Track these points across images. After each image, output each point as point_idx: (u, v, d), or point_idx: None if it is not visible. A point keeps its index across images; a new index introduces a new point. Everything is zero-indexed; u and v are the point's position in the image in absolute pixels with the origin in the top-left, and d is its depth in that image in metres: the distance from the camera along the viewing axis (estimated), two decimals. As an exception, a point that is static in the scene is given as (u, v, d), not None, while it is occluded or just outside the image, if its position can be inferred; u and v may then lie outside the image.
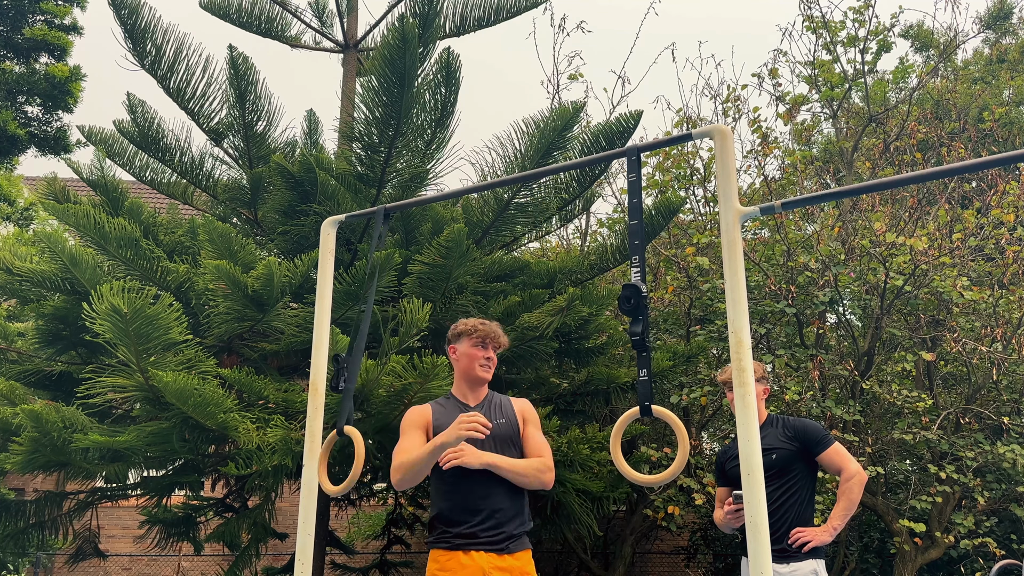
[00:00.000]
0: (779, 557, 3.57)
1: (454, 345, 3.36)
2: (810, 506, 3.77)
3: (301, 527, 2.43)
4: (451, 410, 3.24)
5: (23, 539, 6.76)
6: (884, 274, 7.26)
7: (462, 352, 3.32)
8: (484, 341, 3.30)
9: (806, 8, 9.33)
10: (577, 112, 6.62)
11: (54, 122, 14.91)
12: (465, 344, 3.31)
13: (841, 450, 3.81)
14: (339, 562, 9.41)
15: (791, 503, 3.72)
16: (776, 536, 3.61)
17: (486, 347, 3.30)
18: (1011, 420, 7.39)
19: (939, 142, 9.56)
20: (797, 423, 3.84)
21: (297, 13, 8.32)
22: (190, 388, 4.98)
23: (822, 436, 3.81)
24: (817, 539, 3.61)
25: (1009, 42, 14.51)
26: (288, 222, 6.60)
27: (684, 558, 12.01)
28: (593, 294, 6.64)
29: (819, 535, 3.63)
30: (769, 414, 3.93)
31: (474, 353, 3.29)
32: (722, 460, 4.05)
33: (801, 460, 3.76)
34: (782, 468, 3.75)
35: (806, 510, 3.75)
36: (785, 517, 3.69)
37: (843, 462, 3.77)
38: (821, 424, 3.91)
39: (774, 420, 3.89)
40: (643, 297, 1.99)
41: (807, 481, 3.78)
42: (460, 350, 3.33)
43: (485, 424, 2.91)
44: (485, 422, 2.91)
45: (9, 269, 6.23)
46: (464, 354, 3.31)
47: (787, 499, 3.72)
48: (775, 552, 3.47)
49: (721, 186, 1.96)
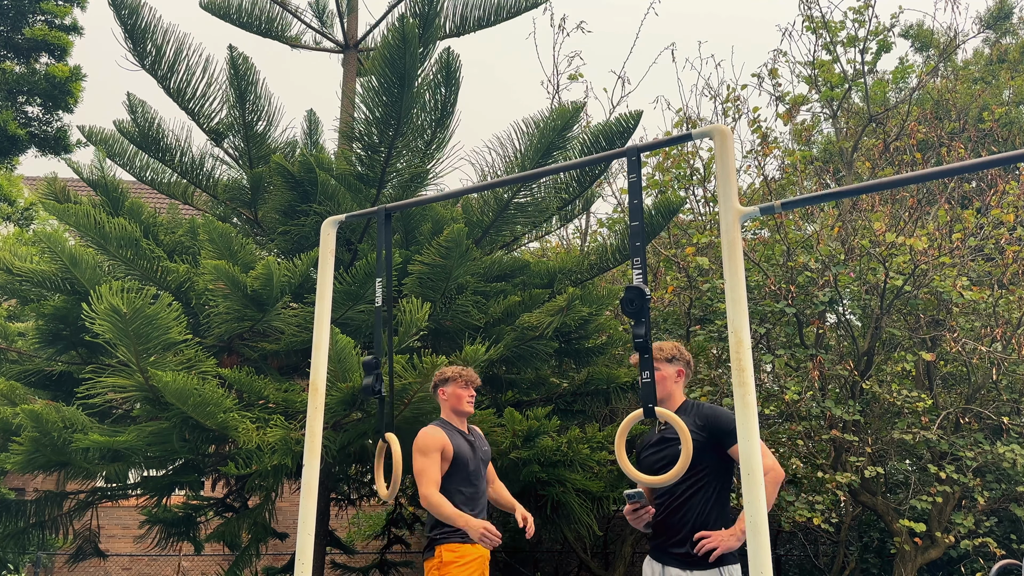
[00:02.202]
0: (681, 562, 3.23)
1: (442, 388, 4.22)
2: (720, 505, 3.32)
3: (301, 527, 2.43)
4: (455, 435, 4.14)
5: (23, 539, 6.76)
6: (884, 274, 7.26)
7: (451, 393, 4.19)
8: (467, 383, 4.21)
9: (806, 8, 9.33)
10: (577, 112, 6.62)
11: (54, 122, 14.91)
12: (452, 387, 4.19)
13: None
14: (339, 562, 9.40)
15: (696, 501, 3.28)
16: (679, 538, 3.26)
17: (468, 387, 4.21)
18: (1011, 420, 7.39)
19: (939, 142, 9.56)
20: (709, 411, 3.36)
21: (297, 13, 8.32)
22: (190, 388, 4.98)
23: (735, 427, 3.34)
24: (724, 545, 3.18)
25: (1009, 42, 14.51)
26: (288, 222, 6.60)
27: (684, 558, 11.98)
28: (593, 294, 6.64)
29: (726, 540, 3.19)
30: (686, 399, 3.49)
31: (461, 393, 4.19)
32: (639, 449, 3.64)
33: (711, 453, 3.28)
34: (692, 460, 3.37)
35: (715, 510, 3.29)
36: (687, 517, 3.27)
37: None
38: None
39: (688, 406, 3.44)
40: (646, 300, 1.99)
41: (717, 477, 3.30)
42: (448, 391, 4.20)
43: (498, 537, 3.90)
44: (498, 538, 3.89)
45: (9, 269, 6.23)
46: (452, 395, 4.19)
47: (691, 496, 3.29)
48: (677, 556, 3.23)
49: (721, 186, 1.96)
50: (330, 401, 5.18)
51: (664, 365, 3.44)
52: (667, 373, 3.44)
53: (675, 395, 3.45)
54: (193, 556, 11.77)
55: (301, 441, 5.07)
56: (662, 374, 3.43)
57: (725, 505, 3.32)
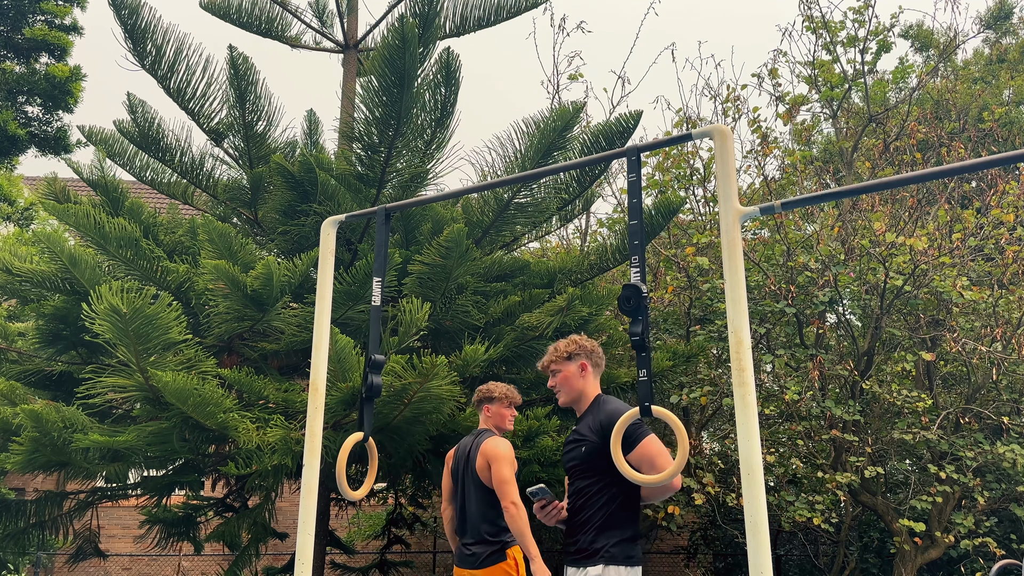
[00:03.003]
0: (574, 561, 3.12)
1: (487, 405, 4.48)
2: (627, 508, 3.11)
3: (301, 527, 2.43)
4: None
5: (23, 539, 6.75)
6: (884, 274, 7.26)
7: (495, 411, 4.46)
8: (511, 403, 4.51)
9: (806, 8, 9.34)
10: (577, 112, 6.62)
11: (54, 122, 14.91)
12: (497, 406, 4.47)
13: (651, 450, 3.07)
14: (339, 562, 9.40)
15: (596, 502, 3.10)
16: (573, 540, 3.15)
17: (511, 407, 4.52)
18: (1011, 420, 7.40)
19: (939, 142, 9.56)
20: (606, 416, 3.15)
21: (297, 13, 8.32)
22: (190, 388, 4.98)
23: (628, 432, 3.07)
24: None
25: (1009, 42, 14.51)
26: (288, 222, 6.60)
27: (684, 558, 12.02)
28: (593, 294, 6.64)
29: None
30: (599, 395, 3.31)
31: (505, 413, 4.48)
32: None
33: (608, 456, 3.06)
34: (589, 463, 3.15)
35: (621, 513, 3.09)
36: (592, 519, 3.10)
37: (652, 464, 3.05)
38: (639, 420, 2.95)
39: (596, 404, 3.27)
40: (643, 297, 1.99)
41: (621, 479, 3.02)
42: (493, 409, 4.47)
43: None
44: None
45: (9, 269, 6.23)
46: (497, 413, 4.46)
47: (591, 497, 3.12)
48: (571, 555, 3.14)
49: (721, 186, 1.96)
50: (330, 401, 5.18)
51: (564, 364, 3.34)
52: (569, 371, 3.32)
53: (586, 391, 3.31)
54: (193, 556, 11.77)
55: (301, 441, 5.08)
56: (564, 374, 3.33)
57: (634, 509, 3.13)
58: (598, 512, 3.09)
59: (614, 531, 3.07)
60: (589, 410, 3.28)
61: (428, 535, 11.69)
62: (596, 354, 3.40)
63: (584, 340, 3.40)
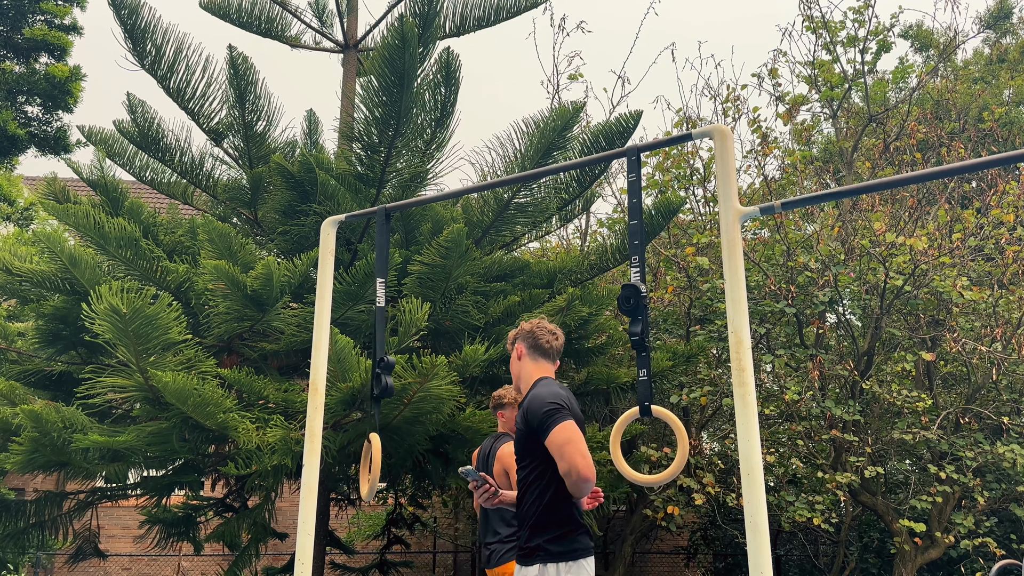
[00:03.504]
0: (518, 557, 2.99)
1: (501, 411, 4.46)
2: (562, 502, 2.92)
3: (301, 527, 2.43)
4: None
5: (23, 539, 6.75)
6: (884, 274, 7.26)
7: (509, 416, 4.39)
8: None
9: (806, 8, 9.33)
10: (577, 112, 6.62)
11: (54, 122, 14.91)
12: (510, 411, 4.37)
13: (560, 438, 2.85)
14: (339, 562, 9.41)
15: (532, 493, 2.95)
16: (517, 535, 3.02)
17: None
18: (1011, 420, 7.39)
19: (939, 142, 9.56)
20: (527, 402, 3.00)
21: (297, 13, 8.32)
22: (190, 388, 4.98)
23: (541, 419, 2.88)
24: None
25: (1009, 42, 14.51)
26: (288, 222, 6.60)
27: (684, 558, 12.02)
28: (593, 294, 6.64)
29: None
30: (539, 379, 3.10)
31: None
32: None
33: (533, 443, 2.93)
34: (521, 452, 3.01)
35: (553, 508, 2.91)
36: (529, 511, 2.96)
37: (560, 453, 2.84)
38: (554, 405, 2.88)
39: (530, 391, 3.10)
40: (642, 297, 1.99)
41: (547, 470, 2.90)
42: (507, 415, 4.43)
43: None
44: None
45: (9, 269, 6.23)
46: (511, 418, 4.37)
47: (527, 488, 2.97)
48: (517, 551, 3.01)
49: (721, 186, 1.96)
50: (330, 401, 5.18)
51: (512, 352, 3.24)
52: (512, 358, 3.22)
53: (523, 375, 3.15)
54: (193, 556, 11.77)
55: (301, 441, 5.07)
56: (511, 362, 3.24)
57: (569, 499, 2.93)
58: (532, 506, 2.93)
59: (550, 526, 2.90)
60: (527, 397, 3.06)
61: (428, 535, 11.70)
62: (533, 336, 3.16)
63: (526, 323, 3.22)
